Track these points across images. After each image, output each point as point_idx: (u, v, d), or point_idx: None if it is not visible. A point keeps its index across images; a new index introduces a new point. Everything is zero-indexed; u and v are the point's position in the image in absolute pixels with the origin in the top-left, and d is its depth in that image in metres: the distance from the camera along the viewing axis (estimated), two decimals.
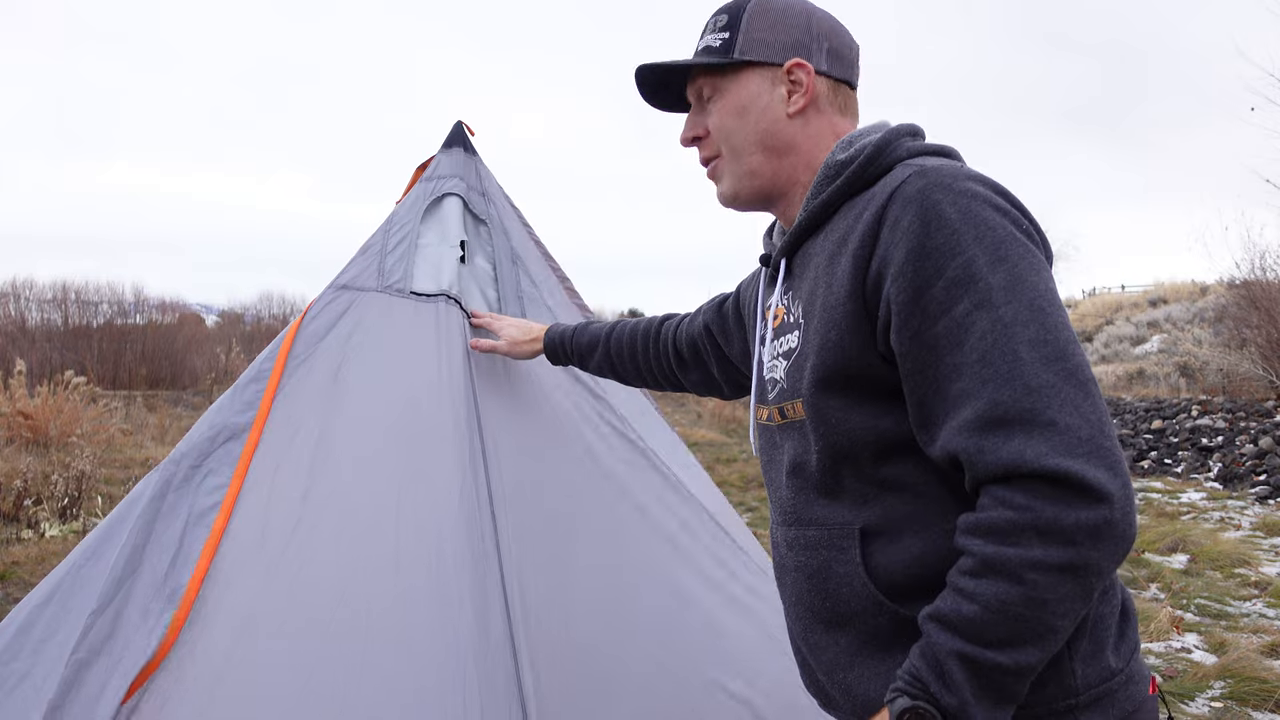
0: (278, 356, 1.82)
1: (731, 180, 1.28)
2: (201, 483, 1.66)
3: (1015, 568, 0.92)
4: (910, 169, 1.09)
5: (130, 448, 9.72)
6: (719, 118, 1.27)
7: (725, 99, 1.26)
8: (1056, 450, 0.92)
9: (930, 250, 1.01)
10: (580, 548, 1.87)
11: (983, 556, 0.94)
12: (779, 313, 1.25)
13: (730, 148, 1.27)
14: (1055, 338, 0.96)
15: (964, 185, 1.03)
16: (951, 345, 0.99)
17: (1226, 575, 5.65)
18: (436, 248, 2.04)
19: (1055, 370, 0.95)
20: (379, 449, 1.76)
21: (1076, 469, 0.91)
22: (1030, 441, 0.92)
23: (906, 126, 1.20)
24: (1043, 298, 0.98)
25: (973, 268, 0.99)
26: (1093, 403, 0.95)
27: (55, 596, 1.58)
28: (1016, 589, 0.92)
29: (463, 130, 2.23)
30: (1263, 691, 3.67)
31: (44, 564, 5.36)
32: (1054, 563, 0.91)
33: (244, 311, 24.16)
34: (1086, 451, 0.92)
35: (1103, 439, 0.93)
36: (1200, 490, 8.86)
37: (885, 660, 1.10)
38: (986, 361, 0.96)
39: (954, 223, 1.01)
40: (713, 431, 13.65)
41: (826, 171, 1.19)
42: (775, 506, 1.27)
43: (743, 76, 1.25)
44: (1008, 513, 0.93)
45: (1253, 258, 15.36)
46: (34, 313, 18.59)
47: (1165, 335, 18.30)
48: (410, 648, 1.55)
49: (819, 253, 1.18)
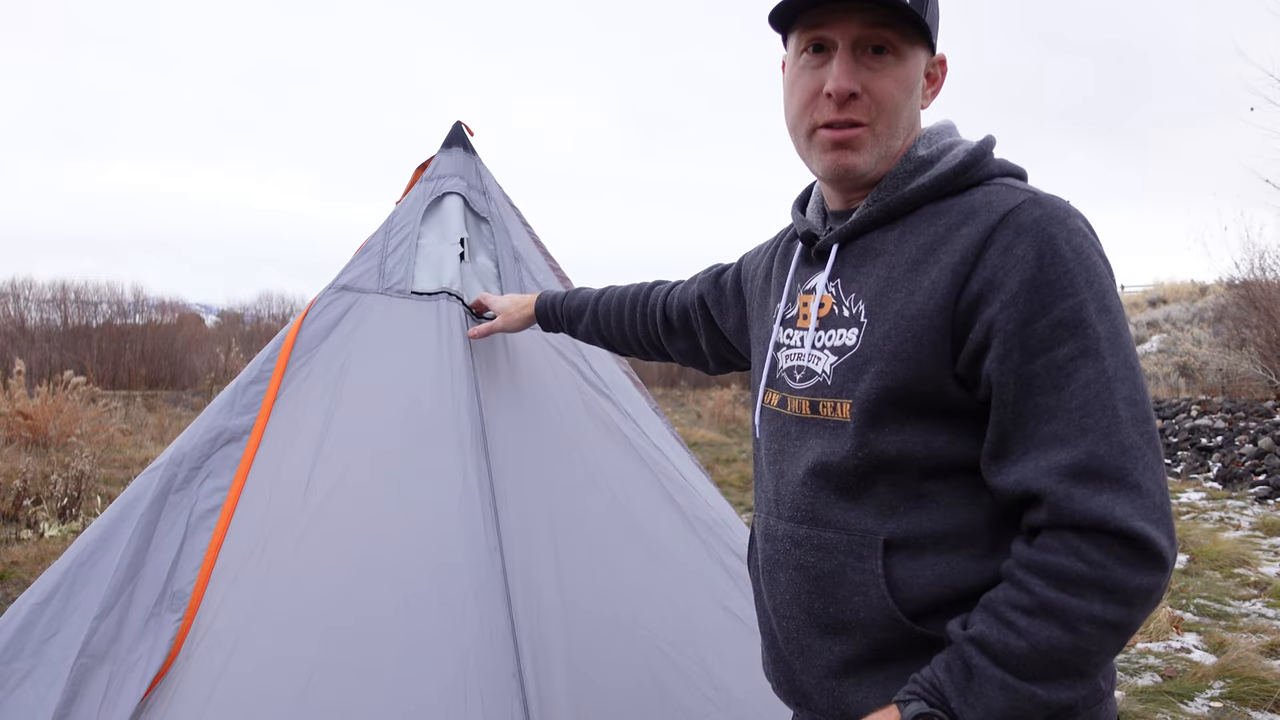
0: (278, 358, 1.82)
1: (873, 158, 1.14)
2: (202, 485, 1.66)
3: (1074, 619, 0.96)
4: (1021, 194, 1.06)
5: (130, 448, 9.72)
6: (892, 86, 1.11)
7: (902, 68, 1.11)
8: (1140, 513, 0.95)
9: (1042, 284, 1.00)
10: (584, 547, 1.87)
11: (1043, 599, 0.97)
12: (826, 301, 1.18)
13: (889, 124, 1.12)
14: (1143, 398, 1.00)
15: (1075, 224, 1.03)
16: (1048, 386, 0.99)
17: (1226, 575, 5.65)
18: (437, 246, 2.04)
19: (1142, 432, 0.98)
20: (380, 451, 1.75)
21: (1153, 535, 0.95)
22: (1118, 500, 0.95)
23: (991, 139, 1.16)
24: (1134, 355, 1.01)
25: (1083, 312, 0.99)
26: (1163, 470, 0.99)
27: (56, 595, 1.58)
28: (1068, 637, 0.96)
29: (462, 130, 2.24)
30: (1262, 691, 3.67)
31: (43, 564, 5.36)
32: (1110, 620, 0.95)
33: (243, 311, 24.14)
34: (1158, 518, 0.96)
35: (1168, 506, 0.97)
36: (1200, 490, 8.86)
37: (885, 671, 1.09)
38: (1087, 411, 0.97)
39: (1069, 262, 1.00)
40: (712, 431, 13.64)
41: (906, 165, 1.13)
42: (775, 499, 1.21)
43: (918, 49, 1.13)
44: (1080, 565, 0.95)
45: (1252, 258, 15.36)
46: (33, 313, 18.58)
47: (1164, 335, 18.30)
48: (412, 651, 1.54)
49: (893, 251, 1.11)
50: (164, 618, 1.51)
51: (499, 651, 1.59)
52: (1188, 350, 16.00)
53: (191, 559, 1.57)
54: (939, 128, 1.19)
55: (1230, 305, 15.11)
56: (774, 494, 1.23)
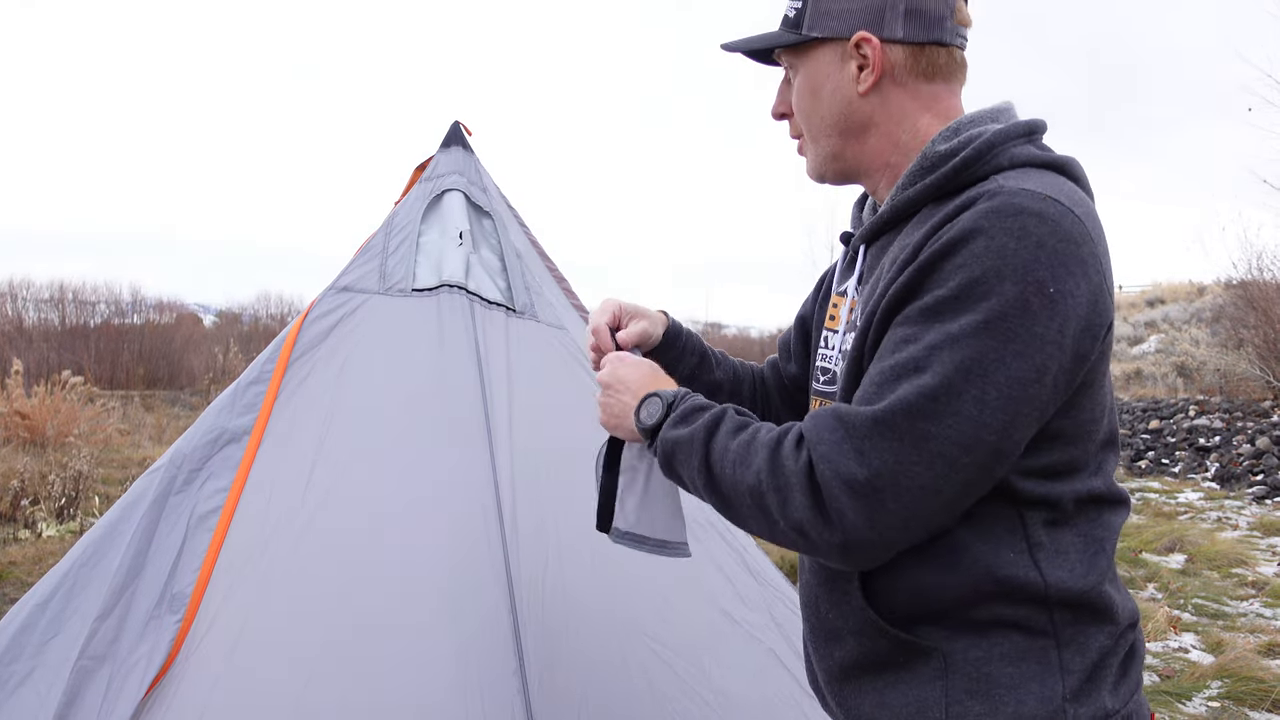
0: (279, 359, 1.82)
1: (813, 162, 1.20)
2: (202, 487, 1.66)
3: (756, 472, 1.00)
4: (990, 186, 0.99)
5: (128, 448, 9.71)
6: (797, 98, 1.18)
7: (801, 78, 1.17)
8: (839, 469, 0.93)
9: (934, 269, 0.95)
10: (587, 548, 1.86)
11: (772, 441, 1.01)
12: (852, 305, 1.18)
13: (808, 130, 1.18)
14: (945, 409, 0.91)
15: (1020, 222, 0.93)
16: (881, 354, 0.99)
17: (1224, 575, 5.66)
18: (438, 242, 2.04)
19: (913, 426, 0.92)
20: (380, 451, 1.75)
21: (835, 496, 0.93)
22: (839, 446, 0.94)
23: (1025, 124, 1.08)
24: (984, 378, 0.91)
25: (943, 308, 0.94)
26: (920, 468, 0.92)
27: (56, 597, 1.58)
28: (744, 474, 1.01)
29: (460, 130, 2.24)
30: (1260, 691, 3.68)
31: (41, 564, 5.35)
32: (768, 507, 0.99)
33: (241, 311, 24.13)
34: (862, 492, 0.93)
35: (889, 496, 0.92)
36: (1197, 490, 8.87)
37: (882, 680, 1.08)
38: (878, 385, 0.96)
39: (980, 257, 0.92)
40: None
41: (923, 161, 1.08)
42: None
43: (814, 53, 1.15)
44: (791, 461, 0.97)
45: (1250, 258, 15.39)
46: (31, 312, 18.57)
47: (1163, 335, 18.32)
48: (412, 652, 1.54)
49: (894, 256, 1.08)
50: (164, 619, 1.51)
51: (500, 652, 1.59)
52: (1185, 350, 16.02)
53: (191, 560, 1.57)
54: (976, 115, 1.11)
55: (1228, 305, 15.14)
56: None
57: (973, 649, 1.02)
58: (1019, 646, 1.01)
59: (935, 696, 1.03)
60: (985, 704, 1.01)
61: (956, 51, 1.13)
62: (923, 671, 1.04)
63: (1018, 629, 1.01)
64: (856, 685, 1.11)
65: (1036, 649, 1.01)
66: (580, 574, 1.82)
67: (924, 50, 1.11)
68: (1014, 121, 1.08)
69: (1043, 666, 1.01)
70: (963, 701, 1.01)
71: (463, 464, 1.76)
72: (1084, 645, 1.03)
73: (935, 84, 1.13)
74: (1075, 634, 1.03)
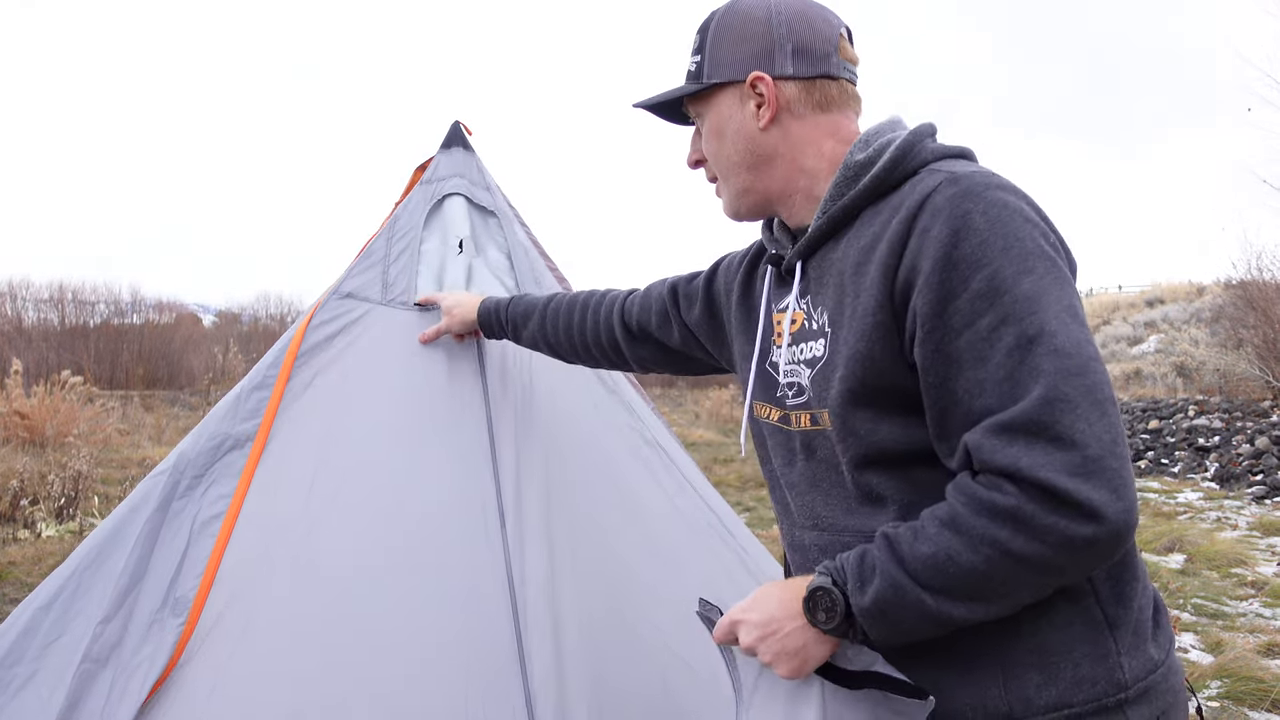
0: (283, 364, 1.81)
1: (728, 200, 1.30)
2: (205, 493, 1.66)
3: (978, 538, 0.95)
4: (940, 175, 1.07)
5: (127, 448, 9.71)
6: (705, 142, 1.29)
7: (707, 123, 1.28)
8: (1055, 465, 0.92)
9: (958, 261, 1.00)
10: (595, 550, 1.86)
11: (955, 513, 0.98)
12: (797, 317, 1.22)
13: (719, 170, 1.28)
14: (1078, 350, 0.96)
15: (994, 195, 1.03)
16: (975, 360, 0.99)
17: (1223, 575, 5.66)
18: (439, 251, 2.04)
19: (1075, 385, 0.94)
20: (385, 459, 1.75)
21: (1073, 488, 0.91)
22: (1030, 452, 0.93)
23: (928, 126, 1.18)
24: (1066, 312, 0.98)
25: (998, 280, 0.98)
26: (1107, 421, 0.94)
27: (59, 599, 1.58)
28: (969, 555, 0.96)
29: (460, 130, 2.23)
30: (1259, 691, 3.68)
31: (40, 564, 5.35)
32: (1016, 550, 0.94)
33: (241, 311, 24.14)
34: (1090, 471, 0.92)
35: (1111, 459, 0.93)
36: (1197, 490, 8.87)
37: (916, 669, 1.09)
38: (1014, 380, 0.96)
39: (983, 233, 1.00)
40: (710, 432, 13.65)
41: (845, 172, 1.16)
42: (795, 510, 1.25)
43: (715, 99, 1.26)
44: (997, 495, 0.95)
45: (1249, 258, 15.41)
46: (31, 312, 18.57)
47: (1162, 335, 18.34)
48: (414, 657, 1.54)
49: (843, 259, 1.15)
50: (166, 623, 1.52)
51: (504, 657, 1.59)
52: (1185, 350, 16.03)
53: (194, 565, 1.58)
54: (878, 127, 1.20)
55: (1227, 305, 15.16)
56: (791, 506, 1.27)
57: (1023, 621, 1.04)
58: (1064, 613, 1.05)
59: (992, 672, 1.05)
60: (1043, 674, 1.04)
61: (846, 84, 1.24)
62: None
63: (1061, 594, 1.04)
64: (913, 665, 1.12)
65: (1081, 610, 1.05)
66: (588, 577, 1.82)
67: (815, 84, 1.22)
68: (919, 125, 1.18)
69: (1091, 628, 1.05)
70: (1021, 675, 1.04)
71: (466, 470, 1.76)
72: (1125, 600, 1.08)
73: (831, 114, 1.23)
74: (1114, 591, 1.07)
